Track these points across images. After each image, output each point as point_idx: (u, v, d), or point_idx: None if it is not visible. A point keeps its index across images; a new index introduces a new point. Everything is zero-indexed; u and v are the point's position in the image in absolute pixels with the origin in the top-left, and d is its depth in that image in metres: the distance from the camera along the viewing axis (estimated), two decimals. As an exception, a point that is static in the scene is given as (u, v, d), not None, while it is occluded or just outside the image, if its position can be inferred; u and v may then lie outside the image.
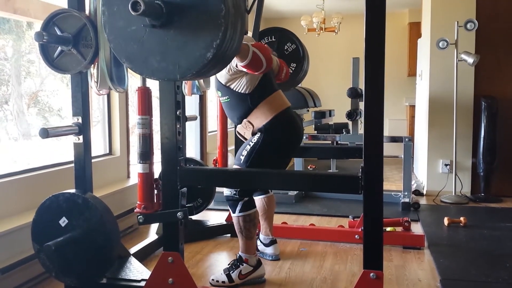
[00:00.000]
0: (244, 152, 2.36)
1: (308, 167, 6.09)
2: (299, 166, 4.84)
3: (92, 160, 2.32)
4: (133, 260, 2.42)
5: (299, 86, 4.52)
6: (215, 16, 1.55)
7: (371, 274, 1.76)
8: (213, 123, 5.14)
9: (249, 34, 2.92)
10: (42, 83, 3.26)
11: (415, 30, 6.73)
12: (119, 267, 2.32)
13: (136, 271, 2.29)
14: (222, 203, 3.85)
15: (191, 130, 4.77)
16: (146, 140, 2.14)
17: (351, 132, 4.54)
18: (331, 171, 5.57)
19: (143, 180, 2.14)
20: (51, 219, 2.12)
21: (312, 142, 4.91)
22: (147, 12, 1.52)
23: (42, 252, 2.13)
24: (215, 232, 3.24)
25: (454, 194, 4.34)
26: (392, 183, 5.22)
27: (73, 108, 2.23)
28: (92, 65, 2.15)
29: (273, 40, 3.09)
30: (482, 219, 3.68)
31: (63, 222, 2.11)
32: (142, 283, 2.12)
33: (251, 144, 2.35)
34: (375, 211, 1.77)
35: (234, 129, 2.54)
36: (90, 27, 2.07)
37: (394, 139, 4.20)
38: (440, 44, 4.27)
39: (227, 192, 2.41)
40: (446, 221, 3.46)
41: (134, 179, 3.45)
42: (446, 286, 2.38)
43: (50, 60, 2.16)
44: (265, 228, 2.78)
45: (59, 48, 2.12)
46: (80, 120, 2.22)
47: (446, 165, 4.52)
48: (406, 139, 4.02)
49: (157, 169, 2.19)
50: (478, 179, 4.45)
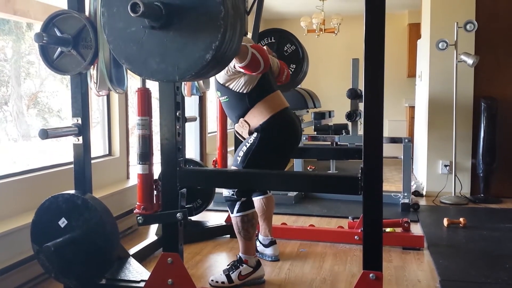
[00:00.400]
0: (241, 153, 2.37)
1: (308, 168, 6.09)
2: (298, 167, 4.85)
3: (92, 161, 2.32)
4: (132, 261, 2.42)
5: (299, 87, 4.53)
6: (214, 17, 1.55)
7: (371, 275, 1.76)
8: (212, 124, 5.14)
9: (248, 35, 2.93)
10: (41, 84, 3.26)
11: (414, 31, 6.74)
12: (119, 268, 2.32)
13: (136, 272, 2.29)
14: (222, 204, 3.85)
15: (191, 131, 4.77)
16: (146, 141, 2.14)
17: (350, 133, 4.55)
18: (330, 172, 5.57)
19: (143, 181, 2.14)
20: (50, 220, 2.12)
21: (311, 143, 4.90)
22: (146, 13, 1.53)
23: (42, 253, 2.13)
24: (215, 233, 3.24)
25: (453, 195, 4.34)
26: (391, 184, 5.22)
27: (72, 109, 2.24)
28: (92, 66, 2.15)
29: (272, 41, 3.09)
30: (481, 220, 3.68)
31: (63, 223, 2.11)
32: (142, 284, 2.12)
33: (248, 145, 2.36)
34: (375, 212, 1.77)
35: (234, 129, 2.54)
36: (90, 28, 2.07)
37: (393, 140, 4.20)
38: (440, 45, 4.27)
39: (225, 192, 2.41)
40: (445, 222, 3.46)
41: (134, 180, 3.46)
42: (446, 287, 2.38)
43: (50, 61, 2.16)
44: (264, 229, 2.78)
45: (59, 49, 2.13)
46: (79, 121, 2.22)
47: (446, 166, 4.52)
48: (406, 140, 4.03)
49: (156, 170, 2.19)
50: (478, 180, 4.45)
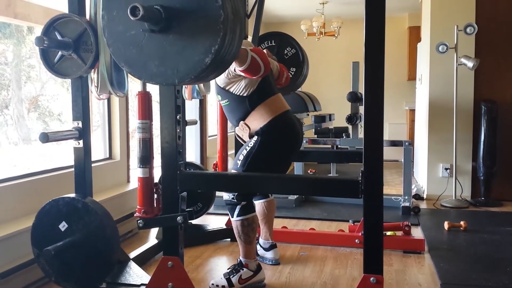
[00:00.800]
0: (241, 156, 2.36)
1: (308, 171, 6.09)
2: (299, 170, 4.85)
3: (92, 165, 2.33)
4: (132, 265, 2.42)
5: (299, 90, 4.54)
6: (214, 21, 1.55)
7: (371, 279, 1.76)
8: (213, 128, 5.14)
9: (249, 38, 2.93)
10: (42, 87, 3.27)
11: (414, 34, 6.75)
12: (119, 272, 2.32)
13: (136, 275, 2.29)
14: (222, 208, 3.85)
15: (191, 135, 4.77)
16: (146, 145, 2.14)
17: (351, 136, 4.56)
18: (331, 175, 5.57)
19: (143, 184, 2.14)
20: (50, 224, 2.12)
21: (312, 146, 4.90)
22: (146, 17, 1.53)
23: (42, 257, 2.13)
24: (215, 236, 3.23)
25: (454, 198, 4.33)
26: (392, 187, 5.20)
27: (73, 113, 2.24)
28: (93, 69, 2.16)
29: (273, 44, 3.10)
30: (482, 223, 3.68)
31: (63, 226, 2.11)
32: (142, 288, 2.12)
33: (248, 148, 2.35)
34: (375, 216, 1.77)
35: (234, 133, 2.54)
36: (90, 32, 2.08)
37: (394, 143, 4.20)
38: (440, 48, 4.27)
39: (225, 196, 2.41)
40: (446, 225, 3.45)
41: (134, 184, 3.45)
42: (447, 290, 2.38)
43: (50, 64, 2.17)
44: (265, 232, 2.77)
45: (60, 53, 2.13)
46: (80, 125, 2.22)
47: (446, 169, 4.52)
48: (406, 143, 4.02)
49: (157, 173, 2.19)
50: (478, 183, 4.44)
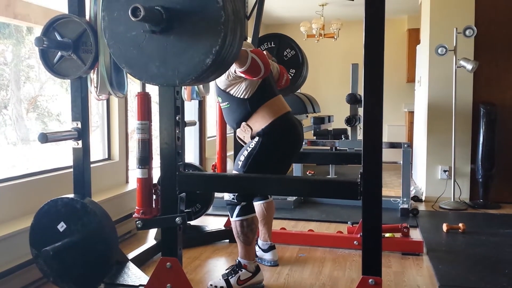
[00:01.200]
0: (242, 157, 2.36)
1: (307, 173, 6.09)
2: (298, 171, 4.85)
3: (91, 165, 2.32)
4: (131, 266, 2.41)
5: (298, 92, 4.54)
6: (215, 22, 1.55)
7: (370, 280, 1.76)
8: (212, 129, 5.14)
9: (248, 39, 2.93)
10: (41, 88, 3.26)
11: (414, 36, 6.76)
12: (117, 273, 2.32)
13: (134, 276, 2.29)
14: (221, 209, 3.86)
15: (190, 135, 4.77)
16: (145, 145, 2.14)
17: (350, 138, 4.55)
18: (330, 176, 5.57)
19: (142, 185, 2.14)
20: (49, 224, 2.12)
21: (311, 147, 4.91)
22: (147, 18, 1.53)
23: (40, 257, 2.12)
24: (214, 237, 3.23)
25: (453, 200, 4.34)
26: (391, 189, 5.21)
27: (72, 113, 2.24)
28: (92, 70, 2.16)
29: (272, 46, 3.10)
30: (480, 225, 3.68)
31: (61, 227, 2.11)
32: (140, 289, 2.12)
33: (249, 150, 2.35)
34: (374, 217, 1.77)
35: (233, 134, 2.54)
36: (90, 33, 2.08)
37: (393, 145, 4.20)
38: (439, 50, 4.28)
39: (227, 196, 2.41)
40: (445, 227, 3.45)
41: (133, 184, 3.45)
42: (445, 292, 2.38)
43: (50, 65, 2.17)
44: (263, 233, 2.77)
45: (59, 53, 2.13)
46: (79, 125, 2.22)
47: (445, 171, 4.52)
48: (405, 145, 4.03)
49: (156, 174, 2.19)
50: (477, 186, 4.45)
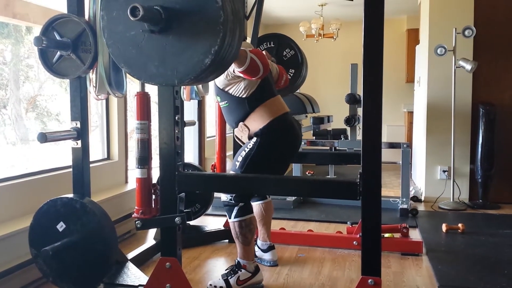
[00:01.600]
0: (240, 158, 2.36)
1: (306, 173, 6.09)
2: (297, 171, 4.85)
3: (90, 165, 2.32)
4: (130, 266, 2.41)
5: (298, 92, 4.54)
6: (214, 22, 1.55)
7: (369, 281, 1.76)
8: (211, 128, 5.14)
9: (248, 39, 2.93)
10: (40, 87, 3.26)
11: (413, 36, 6.76)
12: (117, 273, 2.32)
13: (134, 276, 2.29)
14: (220, 209, 3.85)
15: (190, 135, 4.77)
16: (145, 145, 2.14)
17: (349, 138, 4.55)
18: (329, 177, 5.57)
19: (141, 185, 2.14)
20: (48, 224, 2.12)
21: (310, 148, 4.91)
22: (146, 17, 1.53)
23: (39, 257, 2.12)
24: (213, 237, 3.23)
25: (452, 200, 4.34)
26: (390, 189, 5.21)
27: (71, 113, 2.24)
28: (91, 70, 2.15)
29: (271, 46, 3.10)
30: (480, 225, 3.68)
31: (61, 227, 2.10)
32: (140, 289, 2.12)
33: (246, 150, 2.35)
34: (373, 217, 1.77)
35: (232, 134, 2.54)
36: (89, 32, 2.08)
37: (392, 145, 4.21)
38: (438, 50, 4.28)
39: (224, 197, 2.41)
40: (444, 227, 3.46)
41: (132, 184, 3.46)
42: (444, 292, 2.38)
43: (49, 65, 2.16)
44: (263, 234, 2.77)
45: (58, 53, 2.13)
46: (78, 125, 2.22)
47: (444, 171, 4.53)
48: (404, 145, 4.03)
49: (155, 174, 2.19)
50: (476, 186, 4.45)
